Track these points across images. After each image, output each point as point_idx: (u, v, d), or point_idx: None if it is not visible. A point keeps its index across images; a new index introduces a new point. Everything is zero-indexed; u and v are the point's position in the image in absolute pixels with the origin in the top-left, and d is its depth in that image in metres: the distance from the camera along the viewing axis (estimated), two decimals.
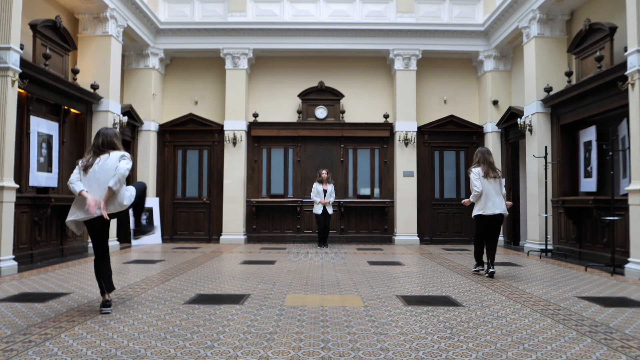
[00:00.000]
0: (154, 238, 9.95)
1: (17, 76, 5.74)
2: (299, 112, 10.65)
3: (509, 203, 5.72)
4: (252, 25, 10.18)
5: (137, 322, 3.37)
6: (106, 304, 3.66)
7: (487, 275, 5.48)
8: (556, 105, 8.08)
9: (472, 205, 5.70)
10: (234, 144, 10.22)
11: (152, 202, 10.10)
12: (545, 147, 7.98)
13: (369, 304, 4.02)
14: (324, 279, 5.42)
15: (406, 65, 10.33)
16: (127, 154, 3.82)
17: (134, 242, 9.49)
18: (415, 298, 4.31)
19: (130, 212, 3.92)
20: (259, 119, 10.57)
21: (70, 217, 3.65)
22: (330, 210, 9.16)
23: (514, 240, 9.89)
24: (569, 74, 7.77)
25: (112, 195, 3.61)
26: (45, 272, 5.80)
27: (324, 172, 9.27)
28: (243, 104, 10.34)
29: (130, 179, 9.86)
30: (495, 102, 10.23)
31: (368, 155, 10.77)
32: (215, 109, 10.73)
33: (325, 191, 9.14)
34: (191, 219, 10.57)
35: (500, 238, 10.00)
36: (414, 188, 10.20)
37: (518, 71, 9.89)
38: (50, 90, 7.09)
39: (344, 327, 3.26)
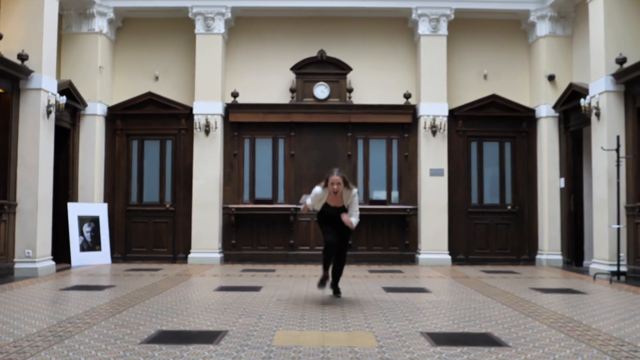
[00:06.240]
0: (101, 257, 9.96)
1: None
2: (292, 90, 10.65)
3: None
4: None
5: None
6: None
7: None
8: (631, 81, 8.08)
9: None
10: (207, 132, 10.23)
11: (98, 209, 10.10)
12: (618, 137, 7.98)
13: (385, 344, 4.02)
14: (325, 310, 5.43)
15: (434, 29, 10.33)
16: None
17: (74, 261, 9.50)
18: (446, 336, 4.31)
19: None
20: (240, 100, 10.58)
21: None
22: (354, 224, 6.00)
23: (576, 259, 9.88)
24: None
25: None
26: None
27: (336, 177, 5.87)
28: (219, 80, 10.34)
29: (71, 179, 9.88)
30: (551, 78, 10.23)
31: (383, 147, 10.77)
32: (181, 86, 10.74)
33: (336, 208, 6.07)
34: (150, 232, 10.58)
35: (559, 257, 10.04)
36: (444, 191, 10.20)
37: (581, 37, 9.89)
38: None
39: None
